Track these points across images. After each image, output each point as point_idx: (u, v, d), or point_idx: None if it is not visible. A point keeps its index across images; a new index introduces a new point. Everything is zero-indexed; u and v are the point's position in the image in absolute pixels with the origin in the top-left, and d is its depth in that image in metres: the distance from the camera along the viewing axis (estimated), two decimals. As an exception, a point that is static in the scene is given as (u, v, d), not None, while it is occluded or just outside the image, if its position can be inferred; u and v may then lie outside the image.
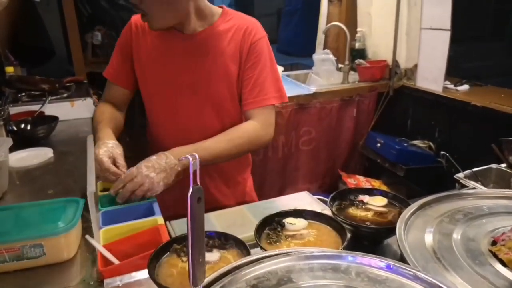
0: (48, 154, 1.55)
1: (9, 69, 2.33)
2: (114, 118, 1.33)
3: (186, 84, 1.29)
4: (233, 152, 1.24)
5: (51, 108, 2.01)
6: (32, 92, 2.24)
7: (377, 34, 2.99)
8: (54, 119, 1.82)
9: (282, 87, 1.32)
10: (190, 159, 0.60)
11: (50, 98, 2.09)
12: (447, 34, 2.40)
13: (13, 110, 1.94)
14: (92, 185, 0.93)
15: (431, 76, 2.57)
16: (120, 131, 1.36)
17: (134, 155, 1.34)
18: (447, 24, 2.39)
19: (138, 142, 1.36)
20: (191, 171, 0.60)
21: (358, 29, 3.08)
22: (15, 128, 1.73)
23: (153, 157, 1.12)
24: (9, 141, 1.27)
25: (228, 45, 1.26)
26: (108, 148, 1.14)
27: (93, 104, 2.16)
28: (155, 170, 1.09)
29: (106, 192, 1.19)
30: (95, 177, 1.08)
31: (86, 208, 1.09)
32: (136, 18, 1.31)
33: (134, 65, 1.33)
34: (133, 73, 1.35)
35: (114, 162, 1.13)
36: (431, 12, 2.50)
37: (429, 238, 0.79)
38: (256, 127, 1.26)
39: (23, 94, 2.24)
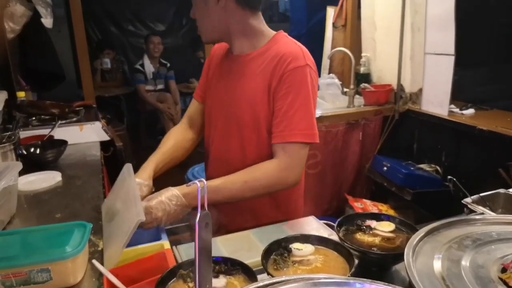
0: (57, 178, 1.57)
1: (21, 94, 2.38)
2: (174, 147, 1.40)
3: (222, 105, 1.31)
4: (247, 195, 1.17)
5: (60, 132, 2.03)
6: (42, 116, 2.28)
7: (381, 59, 3.03)
8: (63, 143, 1.84)
9: (314, 125, 1.18)
10: (198, 184, 0.61)
11: (59, 122, 2.12)
12: (451, 59, 2.43)
13: (23, 134, 1.96)
14: (141, 214, 0.94)
15: (436, 100, 2.58)
16: (180, 157, 1.42)
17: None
18: (451, 49, 2.42)
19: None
20: (199, 197, 0.60)
21: (362, 54, 3.13)
22: (24, 152, 1.75)
23: (164, 198, 1.12)
24: (19, 165, 1.28)
25: (262, 71, 1.21)
26: None
27: (101, 128, 2.19)
28: (165, 212, 1.11)
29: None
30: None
31: (93, 232, 1.10)
32: (216, 45, 1.41)
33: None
34: None
35: None
36: (435, 38, 2.53)
37: (437, 265, 0.78)
38: (277, 168, 1.16)
39: (33, 118, 2.28)
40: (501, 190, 1.28)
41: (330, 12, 3.41)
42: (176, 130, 1.48)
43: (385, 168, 2.70)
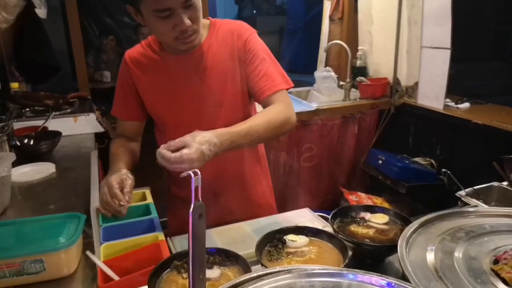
0: (51, 169, 1.56)
1: (14, 85, 2.36)
2: (129, 151, 1.35)
3: (196, 99, 1.29)
4: (270, 134, 1.19)
5: (54, 124, 2.02)
6: (36, 107, 2.26)
7: (378, 52, 3.02)
8: (57, 134, 1.83)
9: (285, 73, 1.33)
10: (192, 175, 0.61)
11: (53, 113, 2.11)
12: (447, 53, 2.43)
13: (17, 125, 1.95)
14: (96, 201, 0.93)
15: (432, 94, 2.59)
16: (135, 162, 1.37)
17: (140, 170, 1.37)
18: (447, 42, 2.42)
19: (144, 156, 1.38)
20: (193, 188, 0.60)
21: (359, 47, 3.12)
22: (18, 143, 1.74)
23: (205, 149, 1.00)
24: (12, 156, 1.28)
25: (225, 51, 1.29)
26: (120, 175, 1.17)
27: (96, 119, 2.18)
28: (203, 162, 1.00)
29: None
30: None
31: (87, 223, 1.10)
32: (129, 53, 1.34)
33: (142, 97, 1.34)
34: (139, 105, 1.36)
35: (122, 189, 1.14)
36: (431, 31, 2.53)
37: (430, 257, 0.78)
38: (282, 107, 1.25)
39: (27, 109, 2.27)
40: (495, 183, 1.29)
41: (327, 5, 3.39)
42: (119, 141, 1.38)
43: (380, 162, 2.71)
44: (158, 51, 1.30)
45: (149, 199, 1.29)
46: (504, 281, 0.70)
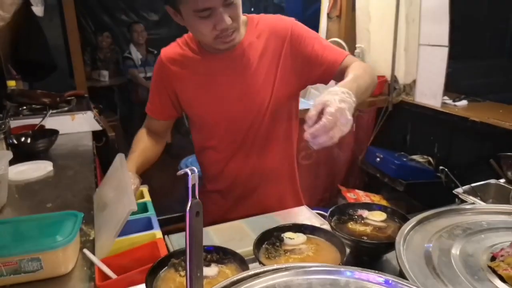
0: (48, 167, 1.55)
1: (11, 83, 2.35)
2: (149, 149, 1.36)
3: (239, 97, 1.26)
4: (368, 84, 1.14)
5: (51, 122, 2.02)
6: (33, 105, 2.26)
7: (375, 50, 3.02)
8: (54, 132, 1.82)
9: None
10: (189, 173, 0.61)
11: (50, 111, 2.10)
12: (445, 50, 2.43)
13: (14, 123, 1.94)
14: (133, 204, 0.93)
15: (430, 92, 2.59)
16: (154, 160, 1.38)
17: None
18: (445, 40, 2.42)
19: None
20: (189, 185, 0.60)
21: (357, 45, 3.12)
22: (15, 142, 1.73)
23: (347, 98, 0.95)
24: (9, 155, 1.27)
25: (267, 46, 1.26)
26: None
27: (93, 118, 2.17)
28: (352, 110, 0.95)
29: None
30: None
31: (85, 221, 1.09)
32: (165, 53, 1.31)
33: (179, 96, 1.31)
34: (173, 105, 1.34)
35: None
36: (429, 29, 2.53)
37: (428, 254, 0.79)
38: (364, 63, 1.23)
39: (24, 107, 2.26)
40: (492, 181, 1.29)
41: (325, 2, 3.39)
42: (142, 136, 1.39)
43: (378, 159, 2.71)
44: (197, 51, 1.27)
45: (147, 197, 1.29)
46: (501, 278, 0.71)
